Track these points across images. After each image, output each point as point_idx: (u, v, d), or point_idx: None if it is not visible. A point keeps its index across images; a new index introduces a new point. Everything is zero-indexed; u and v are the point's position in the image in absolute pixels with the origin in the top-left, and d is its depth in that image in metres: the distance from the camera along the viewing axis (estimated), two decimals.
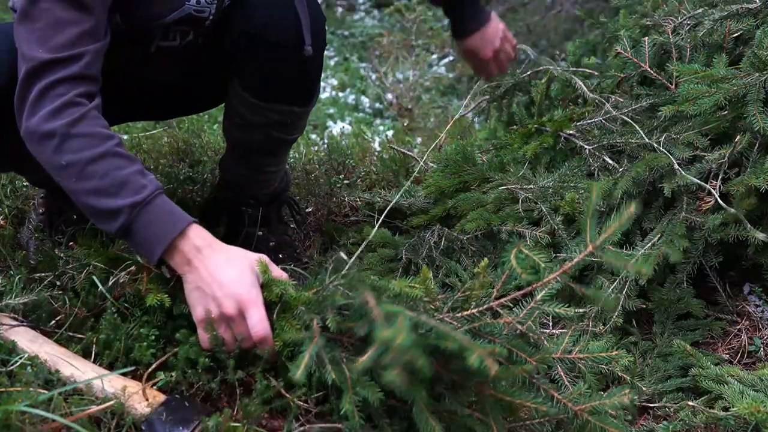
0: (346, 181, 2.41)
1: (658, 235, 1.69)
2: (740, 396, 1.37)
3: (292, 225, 2.06)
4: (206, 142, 2.70)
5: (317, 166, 2.54)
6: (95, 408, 1.16)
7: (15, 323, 1.33)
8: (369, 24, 8.41)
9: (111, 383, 1.21)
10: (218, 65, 1.63)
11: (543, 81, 2.31)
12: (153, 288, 1.35)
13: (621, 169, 1.81)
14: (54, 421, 1.11)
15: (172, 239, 1.25)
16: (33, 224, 1.82)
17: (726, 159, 1.68)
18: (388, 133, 4.21)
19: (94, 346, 1.32)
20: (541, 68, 2.37)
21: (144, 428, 1.15)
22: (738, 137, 1.68)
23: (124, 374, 1.25)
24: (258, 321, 1.21)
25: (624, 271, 1.24)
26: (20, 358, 1.24)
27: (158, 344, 1.32)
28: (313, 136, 3.91)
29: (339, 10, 9.04)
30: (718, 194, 1.67)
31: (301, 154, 2.75)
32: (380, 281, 1.29)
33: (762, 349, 1.66)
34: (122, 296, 1.39)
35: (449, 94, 5.97)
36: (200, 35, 1.59)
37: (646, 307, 1.70)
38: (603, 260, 1.17)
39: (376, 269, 1.79)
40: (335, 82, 6.33)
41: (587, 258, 1.18)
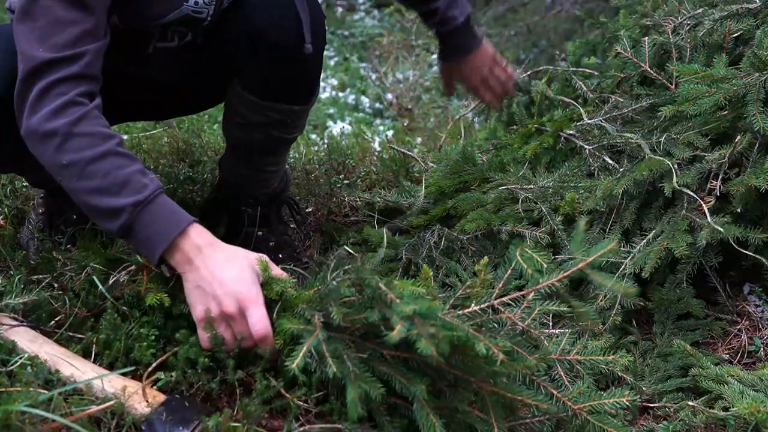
0: (346, 181, 2.41)
1: (657, 233, 1.69)
2: (740, 396, 1.37)
3: (292, 225, 2.06)
4: (206, 142, 2.70)
5: (317, 166, 2.54)
6: (95, 408, 1.16)
7: (15, 323, 1.33)
8: (369, 24, 8.41)
9: (111, 383, 1.21)
10: (218, 65, 1.63)
11: (543, 81, 2.31)
12: (153, 287, 1.35)
13: (621, 169, 1.81)
14: (54, 421, 1.11)
15: (173, 238, 1.25)
16: (33, 224, 1.82)
17: (726, 159, 1.68)
18: (388, 133, 4.21)
19: (94, 346, 1.32)
20: (541, 68, 2.38)
21: (144, 428, 1.15)
22: (738, 137, 1.68)
23: (124, 374, 1.25)
24: (258, 319, 1.21)
25: (612, 289, 1.26)
26: (20, 358, 1.24)
27: (158, 344, 1.32)
28: (313, 136, 3.91)
29: (339, 10, 9.04)
30: (718, 194, 1.67)
31: (301, 154, 2.75)
32: (381, 280, 1.29)
33: (762, 349, 1.66)
34: (122, 296, 1.39)
35: None
36: (198, 36, 1.59)
37: (646, 307, 1.70)
38: (590, 279, 1.19)
39: (376, 269, 1.79)
40: (335, 82, 6.33)
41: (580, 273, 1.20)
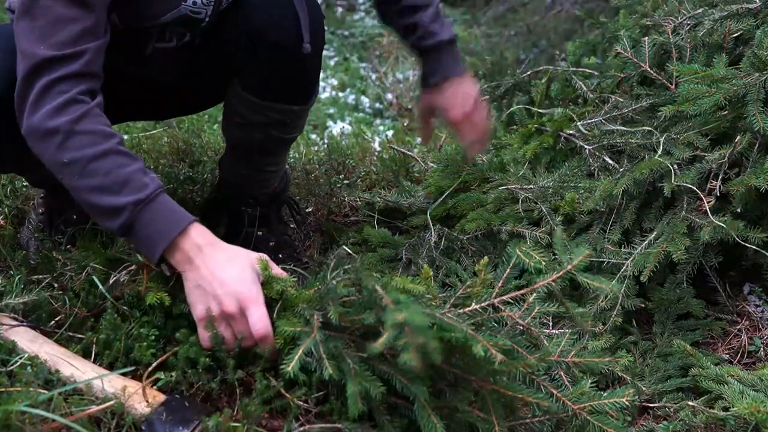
0: (346, 181, 2.40)
1: (657, 234, 1.69)
2: (740, 396, 1.37)
3: (292, 225, 2.06)
4: (206, 142, 2.70)
5: (317, 166, 2.54)
6: (95, 408, 1.15)
7: (15, 323, 1.33)
8: (369, 24, 8.40)
9: (111, 383, 1.21)
10: (217, 65, 1.63)
11: (543, 81, 2.31)
12: (153, 287, 1.35)
13: (621, 169, 1.81)
14: (54, 421, 1.11)
15: (174, 237, 1.25)
16: (33, 224, 1.82)
17: (726, 159, 1.68)
18: (388, 133, 4.20)
19: (94, 346, 1.32)
20: (541, 68, 2.38)
21: (144, 428, 1.15)
22: (738, 137, 1.68)
23: (124, 374, 1.25)
24: (259, 319, 1.21)
25: (602, 291, 1.27)
26: (20, 358, 1.23)
27: (158, 344, 1.32)
28: (313, 136, 3.90)
29: (339, 10, 9.04)
30: (718, 194, 1.67)
31: (301, 154, 2.74)
32: (382, 279, 1.29)
33: (762, 349, 1.66)
34: (122, 296, 1.39)
35: None
36: (197, 37, 1.58)
37: (646, 307, 1.70)
38: (579, 281, 1.20)
39: (376, 269, 1.79)
40: (335, 82, 6.32)
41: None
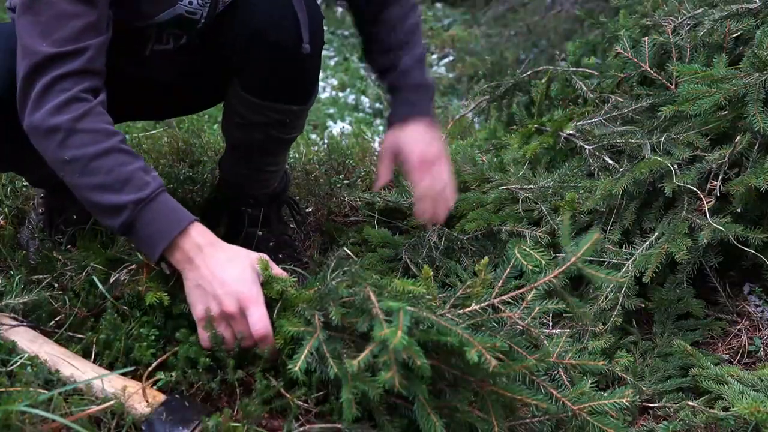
0: (346, 181, 2.40)
1: (658, 235, 1.69)
2: (740, 396, 1.37)
3: (292, 225, 2.06)
4: (206, 142, 2.70)
5: (317, 166, 2.54)
6: (95, 408, 1.15)
7: (15, 323, 1.33)
8: None
9: (111, 383, 1.21)
10: (216, 66, 1.63)
11: (543, 81, 2.31)
12: (152, 286, 1.35)
13: (621, 169, 1.81)
14: (54, 421, 1.11)
15: (174, 236, 1.25)
16: (33, 224, 1.82)
17: (726, 159, 1.68)
18: None
19: (94, 346, 1.32)
20: (541, 68, 2.38)
21: (144, 428, 1.15)
22: (738, 137, 1.68)
23: (124, 374, 1.25)
24: (258, 319, 1.21)
25: (607, 282, 1.26)
26: (20, 358, 1.23)
27: (158, 344, 1.32)
28: (313, 136, 3.90)
29: (339, 10, 9.04)
30: (718, 194, 1.67)
31: (301, 154, 2.74)
32: (381, 280, 1.29)
33: (762, 349, 1.66)
34: (122, 296, 1.39)
35: (449, 94, 5.96)
36: (194, 38, 1.58)
37: (646, 307, 1.70)
38: (587, 274, 1.19)
39: (376, 269, 1.79)
40: (335, 82, 6.33)
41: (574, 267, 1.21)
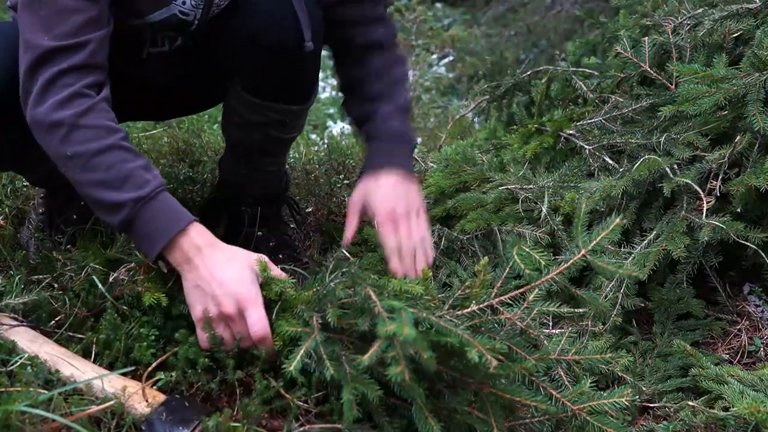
0: (346, 181, 2.40)
1: (657, 234, 1.69)
2: (740, 396, 1.37)
3: (292, 225, 2.06)
4: (206, 142, 2.70)
5: (317, 166, 2.54)
6: (95, 408, 1.16)
7: (15, 323, 1.33)
8: None
9: (111, 383, 1.21)
10: (215, 67, 1.63)
11: (543, 81, 2.31)
12: (151, 287, 1.35)
13: (621, 169, 1.81)
14: (54, 421, 1.11)
15: (173, 236, 1.25)
16: (33, 224, 1.82)
17: (726, 159, 1.68)
18: None
19: (94, 346, 1.32)
20: (541, 68, 2.38)
21: (144, 428, 1.15)
22: (738, 137, 1.68)
23: (124, 374, 1.25)
24: (257, 320, 1.21)
25: (617, 275, 1.26)
26: (20, 358, 1.24)
27: (158, 344, 1.32)
28: (313, 136, 3.90)
29: None
30: (718, 194, 1.67)
31: (301, 154, 2.74)
32: (380, 280, 1.29)
33: (762, 349, 1.66)
34: (122, 296, 1.39)
35: (449, 94, 5.96)
36: (189, 40, 1.58)
37: (646, 307, 1.70)
38: (596, 266, 1.19)
39: (376, 269, 1.79)
40: (335, 82, 6.32)
41: (583, 260, 1.20)
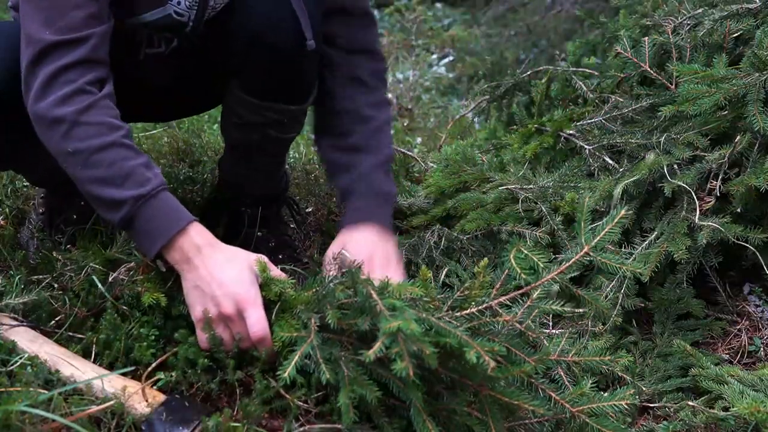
0: None
1: (658, 234, 1.69)
2: (740, 396, 1.37)
3: (292, 225, 2.06)
4: (206, 142, 2.70)
5: (317, 166, 2.53)
6: (95, 408, 1.16)
7: (15, 323, 1.33)
8: None
9: (111, 383, 1.21)
10: (214, 68, 1.63)
11: (543, 81, 2.31)
12: (150, 287, 1.35)
13: (621, 169, 1.81)
14: (54, 421, 1.11)
15: (173, 235, 1.26)
16: (33, 224, 1.82)
17: (726, 159, 1.68)
18: None
19: (94, 346, 1.32)
20: (541, 68, 2.38)
21: (144, 428, 1.15)
22: (738, 137, 1.67)
23: (124, 374, 1.25)
24: (256, 321, 1.21)
25: (620, 272, 1.26)
26: (20, 358, 1.24)
27: (158, 344, 1.32)
28: (314, 136, 3.89)
29: None
30: (718, 194, 1.67)
31: (301, 154, 2.74)
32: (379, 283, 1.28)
33: (762, 349, 1.66)
34: (121, 296, 1.39)
35: (449, 94, 5.95)
36: (185, 41, 1.58)
37: (646, 307, 1.70)
38: (599, 262, 1.18)
39: None
40: None
41: (584, 259, 1.19)
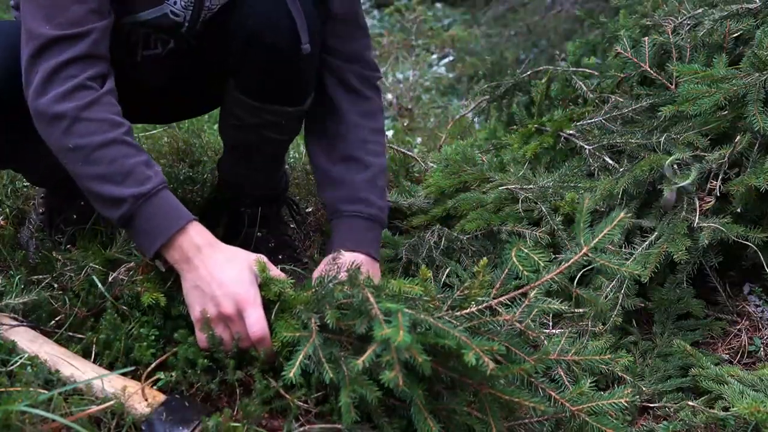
0: None
1: (657, 235, 1.69)
2: (740, 396, 1.37)
3: (292, 225, 2.06)
4: (206, 142, 2.70)
5: None
6: (95, 408, 1.16)
7: (15, 323, 1.33)
8: (369, 24, 8.39)
9: (111, 383, 1.21)
10: (211, 70, 1.63)
11: (543, 81, 2.31)
12: (150, 287, 1.35)
13: (621, 169, 1.81)
14: (54, 421, 1.11)
15: (173, 234, 1.25)
16: (33, 224, 1.82)
17: (726, 159, 1.68)
18: (388, 134, 4.20)
19: (94, 346, 1.32)
20: (541, 68, 2.38)
21: (144, 428, 1.15)
22: (738, 137, 1.68)
23: (124, 374, 1.25)
24: (256, 321, 1.21)
25: (620, 273, 1.26)
26: (20, 358, 1.24)
27: (158, 344, 1.32)
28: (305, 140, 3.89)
29: None
30: (718, 194, 1.67)
31: (301, 154, 2.74)
32: (380, 282, 1.29)
33: (762, 349, 1.66)
34: (121, 296, 1.39)
35: (449, 94, 5.95)
36: (182, 42, 1.58)
37: (646, 307, 1.70)
38: (598, 263, 1.18)
39: None
40: None
41: (584, 259, 1.19)
